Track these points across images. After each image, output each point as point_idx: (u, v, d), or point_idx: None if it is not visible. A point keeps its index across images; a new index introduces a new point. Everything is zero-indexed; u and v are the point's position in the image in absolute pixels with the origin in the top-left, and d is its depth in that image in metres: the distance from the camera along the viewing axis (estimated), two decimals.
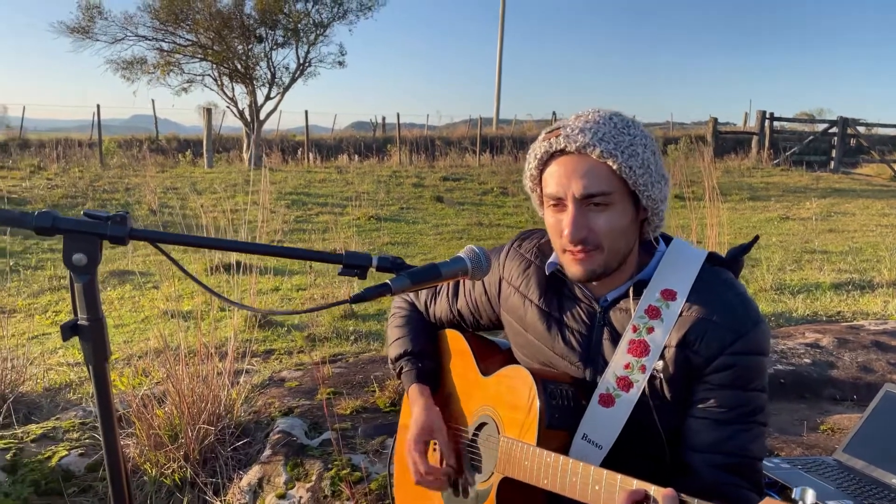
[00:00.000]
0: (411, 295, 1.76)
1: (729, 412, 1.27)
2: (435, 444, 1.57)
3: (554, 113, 25.73)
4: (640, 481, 1.11)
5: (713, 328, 1.27)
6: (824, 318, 5.04)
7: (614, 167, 1.25)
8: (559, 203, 1.30)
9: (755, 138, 19.11)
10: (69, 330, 1.07)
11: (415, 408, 1.59)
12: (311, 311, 1.33)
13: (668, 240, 1.42)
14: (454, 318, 1.68)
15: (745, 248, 1.42)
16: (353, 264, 1.13)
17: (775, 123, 19.37)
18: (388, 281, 1.15)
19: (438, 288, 1.70)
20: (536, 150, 1.32)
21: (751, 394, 1.28)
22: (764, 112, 19.14)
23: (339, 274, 1.13)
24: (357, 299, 1.11)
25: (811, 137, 19.13)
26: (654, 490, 1.09)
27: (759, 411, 1.29)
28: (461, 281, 1.64)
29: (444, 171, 16.25)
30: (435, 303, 1.70)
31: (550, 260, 1.43)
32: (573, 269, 1.33)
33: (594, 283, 1.38)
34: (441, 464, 1.55)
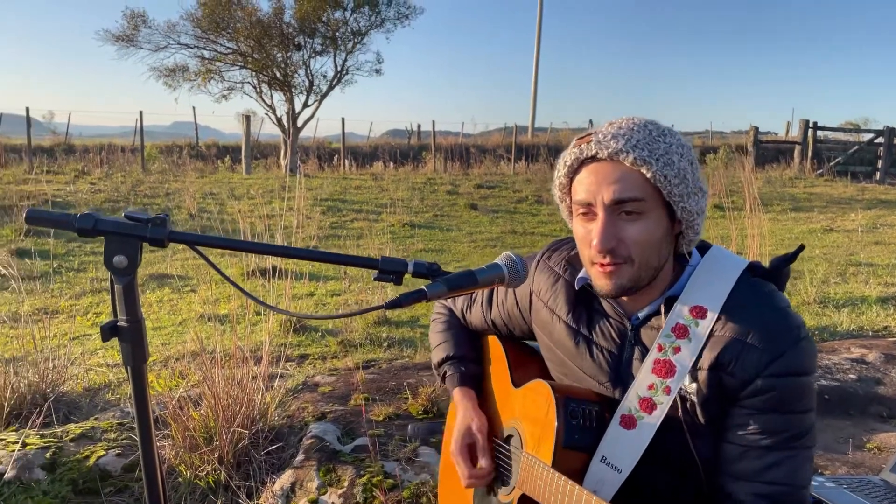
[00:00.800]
0: (449, 301, 1.74)
1: (771, 438, 1.19)
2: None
3: (591, 121, 25.62)
4: None
5: (748, 349, 1.18)
6: (870, 333, 4.89)
7: (648, 175, 1.18)
8: (589, 211, 1.23)
9: (797, 148, 18.73)
10: (108, 331, 1.07)
11: (459, 410, 1.58)
12: (347, 316, 1.31)
13: (705, 248, 1.34)
14: (488, 328, 1.65)
15: (790, 258, 1.31)
16: (389, 270, 1.12)
17: (819, 133, 18.96)
18: (423, 287, 1.12)
19: (474, 296, 1.67)
20: (566, 157, 1.26)
21: (794, 416, 1.19)
22: (807, 121, 18.75)
23: (375, 279, 1.12)
24: (392, 305, 1.10)
25: (856, 147, 18.65)
26: None
27: (804, 435, 1.20)
28: (495, 291, 1.60)
29: (479, 178, 16.27)
30: (471, 311, 1.68)
31: (580, 275, 1.37)
32: (601, 282, 1.26)
33: (624, 298, 1.31)
34: (482, 461, 1.51)
